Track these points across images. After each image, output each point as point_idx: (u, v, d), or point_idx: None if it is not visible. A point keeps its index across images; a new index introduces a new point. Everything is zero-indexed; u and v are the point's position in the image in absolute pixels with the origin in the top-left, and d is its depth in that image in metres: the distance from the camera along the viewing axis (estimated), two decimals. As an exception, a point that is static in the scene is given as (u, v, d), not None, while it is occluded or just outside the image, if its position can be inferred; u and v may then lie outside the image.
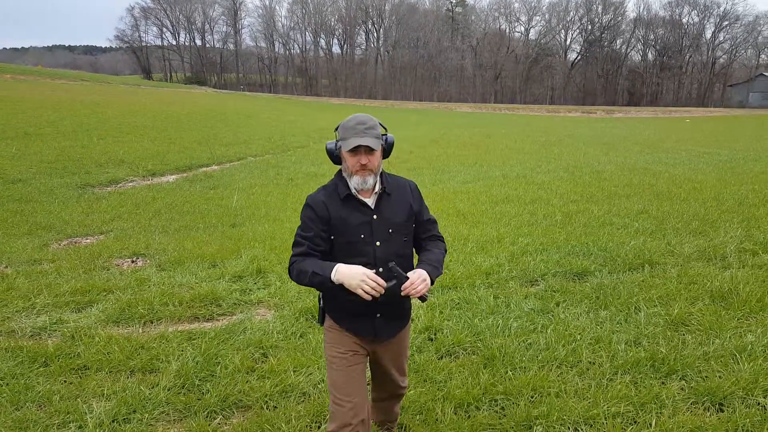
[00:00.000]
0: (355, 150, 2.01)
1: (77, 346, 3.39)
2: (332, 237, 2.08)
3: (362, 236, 2.07)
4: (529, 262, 4.90)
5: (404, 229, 2.15)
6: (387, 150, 2.15)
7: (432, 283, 2.05)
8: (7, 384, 2.97)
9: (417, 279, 1.97)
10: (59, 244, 5.70)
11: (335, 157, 2.13)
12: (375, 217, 2.08)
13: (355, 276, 1.91)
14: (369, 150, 2.01)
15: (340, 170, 2.13)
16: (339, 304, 2.12)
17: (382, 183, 2.12)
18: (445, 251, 2.27)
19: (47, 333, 3.66)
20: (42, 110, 17.23)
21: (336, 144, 2.10)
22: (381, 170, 2.12)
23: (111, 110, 19.62)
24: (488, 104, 65.89)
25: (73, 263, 4.99)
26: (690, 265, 4.78)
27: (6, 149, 11.20)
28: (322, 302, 2.21)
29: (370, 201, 2.09)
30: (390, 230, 2.10)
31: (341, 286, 1.94)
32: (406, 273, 1.97)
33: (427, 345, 3.42)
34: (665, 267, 4.77)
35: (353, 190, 2.06)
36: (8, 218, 6.43)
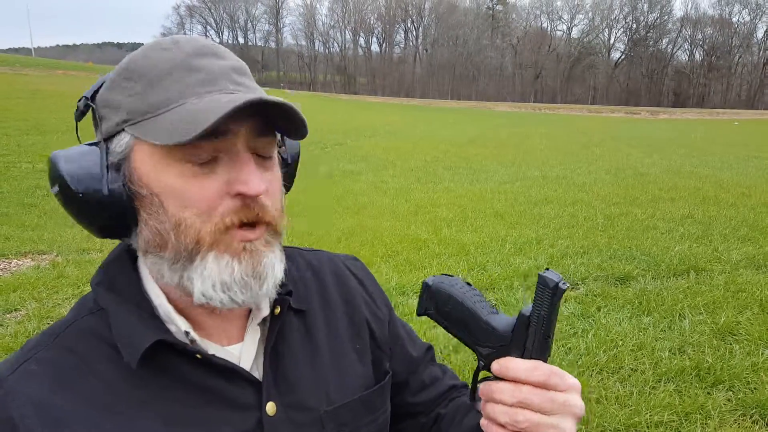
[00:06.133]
0: (226, 134, 0.55)
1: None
2: None
3: None
4: (569, 265, 4.82)
5: (369, 413, 0.72)
6: (290, 170, 0.72)
7: None
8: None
9: None
10: (106, 235, 5.92)
11: (109, 203, 0.57)
12: (270, 409, 0.63)
13: None
14: (262, 140, 0.59)
15: (120, 256, 0.64)
16: None
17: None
18: None
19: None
20: (91, 105, 17.87)
21: (102, 143, 0.58)
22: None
23: (156, 106, 20.20)
24: (528, 103, 64.97)
25: (119, 254, 5.17)
26: (738, 273, 4.62)
27: (57, 142, 11.66)
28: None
29: (247, 355, 0.65)
30: None
31: None
32: None
33: (463, 346, 3.40)
34: (712, 274, 4.62)
35: (207, 291, 0.57)
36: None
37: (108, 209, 0.58)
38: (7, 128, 12.61)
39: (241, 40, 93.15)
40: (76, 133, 0.61)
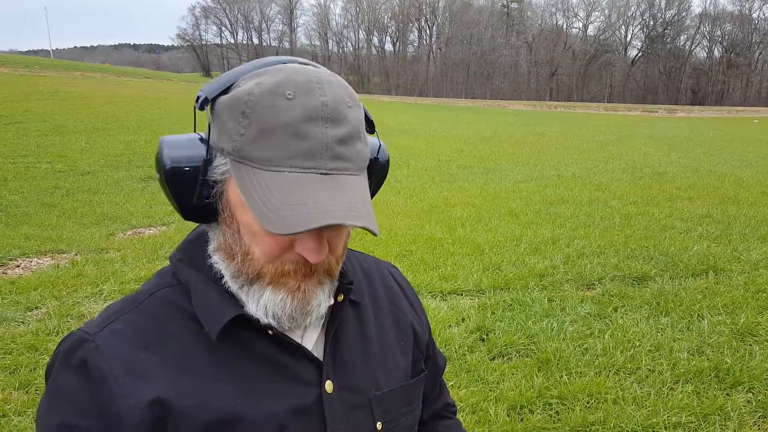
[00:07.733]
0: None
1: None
2: None
3: None
4: (586, 265, 4.78)
5: (407, 404, 0.78)
6: (376, 183, 0.75)
7: None
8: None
9: None
10: (124, 234, 5.97)
11: (198, 194, 0.63)
12: (328, 387, 0.69)
13: None
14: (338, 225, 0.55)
15: (200, 237, 0.71)
16: None
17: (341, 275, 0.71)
18: None
19: (114, 318, 3.83)
20: (109, 106, 18.05)
21: (210, 153, 0.62)
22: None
23: (173, 106, 20.35)
24: (543, 102, 64.44)
25: (137, 253, 5.22)
26: (758, 273, 4.55)
27: (76, 143, 11.80)
28: None
29: (309, 337, 0.71)
30: (378, 421, 0.73)
31: None
32: None
33: (479, 345, 3.39)
34: (731, 274, 4.56)
35: (257, 313, 0.64)
36: (78, 208, 6.78)
37: (195, 211, 0.65)
38: (27, 129, 12.82)
39: (256, 41, 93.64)
40: (194, 122, 0.68)
